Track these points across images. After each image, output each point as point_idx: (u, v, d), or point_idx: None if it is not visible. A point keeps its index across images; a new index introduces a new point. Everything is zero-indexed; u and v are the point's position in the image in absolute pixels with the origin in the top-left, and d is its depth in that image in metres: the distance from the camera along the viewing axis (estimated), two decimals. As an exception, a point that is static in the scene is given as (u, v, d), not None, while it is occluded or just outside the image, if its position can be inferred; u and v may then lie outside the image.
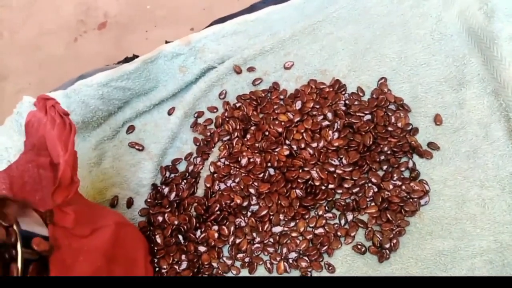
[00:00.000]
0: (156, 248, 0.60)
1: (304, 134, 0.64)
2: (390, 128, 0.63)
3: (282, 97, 0.68)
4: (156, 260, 0.60)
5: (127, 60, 0.74)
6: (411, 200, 0.59)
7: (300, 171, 0.62)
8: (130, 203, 0.65)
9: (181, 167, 0.67)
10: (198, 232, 0.61)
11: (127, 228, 0.57)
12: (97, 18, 0.84)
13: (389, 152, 0.62)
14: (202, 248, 0.60)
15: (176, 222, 0.61)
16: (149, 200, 0.64)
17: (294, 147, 0.64)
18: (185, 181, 0.65)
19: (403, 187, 0.59)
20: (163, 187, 0.65)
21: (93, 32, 0.83)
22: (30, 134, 0.49)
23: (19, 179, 0.48)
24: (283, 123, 0.65)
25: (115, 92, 0.68)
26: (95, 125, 0.70)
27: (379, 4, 0.71)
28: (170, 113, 0.70)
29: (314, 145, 0.64)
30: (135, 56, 0.73)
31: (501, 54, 0.62)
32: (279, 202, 0.61)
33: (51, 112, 0.46)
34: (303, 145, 0.64)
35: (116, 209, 0.65)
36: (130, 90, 0.69)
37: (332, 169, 0.62)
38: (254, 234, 0.60)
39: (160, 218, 0.62)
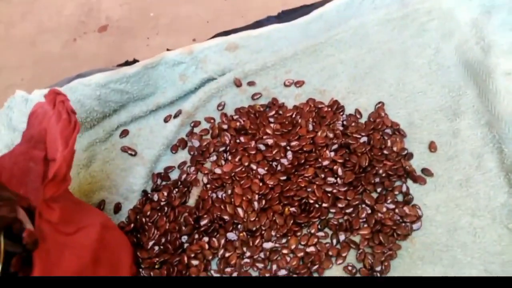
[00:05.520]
0: (142, 256, 0.58)
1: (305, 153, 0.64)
2: (386, 152, 0.63)
3: (281, 113, 0.68)
4: (142, 269, 0.57)
5: (127, 63, 0.73)
6: (403, 224, 0.59)
7: (298, 189, 0.61)
8: (117, 208, 0.63)
9: (174, 175, 0.65)
10: (187, 243, 0.59)
11: (113, 231, 0.55)
12: (99, 21, 0.84)
13: (384, 175, 0.62)
14: (194, 262, 0.58)
15: (164, 230, 0.59)
16: (138, 206, 0.62)
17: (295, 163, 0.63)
18: (176, 189, 0.63)
19: (396, 210, 0.59)
20: (154, 194, 0.63)
21: (93, 34, 0.83)
22: (32, 125, 0.47)
23: (8, 171, 0.46)
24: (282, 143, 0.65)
25: (112, 94, 0.67)
26: (88, 126, 0.68)
27: (380, 31, 0.73)
28: (166, 120, 0.69)
29: (312, 162, 0.63)
30: (136, 61, 0.72)
31: (496, 88, 0.64)
32: (274, 219, 0.60)
33: (59, 107, 0.45)
34: (302, 162, 0.63)
35: (102, 214, 0.63)
36: (128, 93, 0.68)
37: (328, 188, 0.61)
38: (245, 249, 0.58)
39: (148, 225, 0.60)
